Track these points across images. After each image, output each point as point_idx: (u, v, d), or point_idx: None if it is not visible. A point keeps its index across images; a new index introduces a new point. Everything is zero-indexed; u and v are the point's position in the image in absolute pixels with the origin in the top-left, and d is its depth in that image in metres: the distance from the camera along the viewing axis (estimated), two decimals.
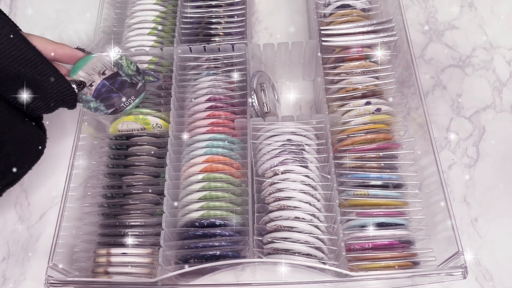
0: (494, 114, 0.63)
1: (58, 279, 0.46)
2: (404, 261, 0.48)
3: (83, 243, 0.51)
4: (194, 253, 0.48)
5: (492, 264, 0.54)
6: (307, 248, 0.48)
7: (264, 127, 0.54)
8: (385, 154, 0.53)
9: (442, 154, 0.60)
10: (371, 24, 0.58)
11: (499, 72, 0.67)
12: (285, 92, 0.66)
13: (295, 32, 0.72)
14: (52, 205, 0.59)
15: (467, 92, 0.65)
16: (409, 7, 0.73)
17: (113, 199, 0.53)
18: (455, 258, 0.46)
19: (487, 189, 0.58)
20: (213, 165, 0.52)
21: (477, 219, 0.56)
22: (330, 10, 0.62)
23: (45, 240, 0.57)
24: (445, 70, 0.67)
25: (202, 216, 0.50)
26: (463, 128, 0.63)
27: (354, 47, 0.58)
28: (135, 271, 0.49)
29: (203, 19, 0.63)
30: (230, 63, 0.59)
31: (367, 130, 0.54)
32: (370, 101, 0.55)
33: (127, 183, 0.53)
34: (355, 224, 0.50)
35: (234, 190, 0.52)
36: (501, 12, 0.73)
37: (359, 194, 0.51)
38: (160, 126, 0.57)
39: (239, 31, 0.61)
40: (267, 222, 0.50)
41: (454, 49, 0.69)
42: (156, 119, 0.56)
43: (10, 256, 0.56)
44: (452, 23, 0.71)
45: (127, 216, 0.52)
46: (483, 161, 0.60)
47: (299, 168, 0.52)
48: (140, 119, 0.56)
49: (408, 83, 0.62)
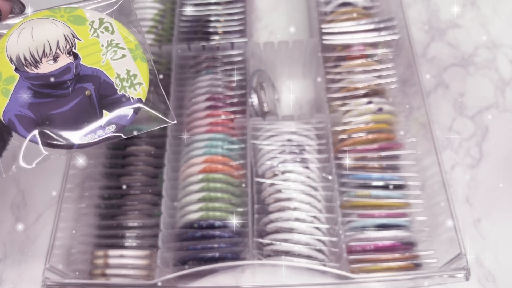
0: (497, 114, 0.63)
1: (55, 281, 0.45)
2: (406, 262, 0.47)
3: (80, 244, 0.51)
4: (193, 255, 0.48)
5: (494, 266, 0.53)
6: (308, 249, 0.47)
7: (264, 127, 0.54)
8: (386, 154, 0.52)
9: (445, 154, 0.60)
10: (373, 23, 0.58)
11: (502, 71, 0.66)
12: (285, 92, 0.66)
13: (295, 30, 0.71)
14: (49, 206, 0.58)
15: (469, 91, 0.65)
16: (411, 6, 0.72)
17: (111, 200, 0.52)
18: (457, 260, 0.45)
19: (490, 190, 0.58)
20: (212, 165, 0.52)
21: (480, 220, 0.56)
22: (331, 8, 0.62)
23: (42, 242, 0.56)
24: (447, 69, 0.67)
25: (201, 217, 0.49)
26: (465, 128, 0.62)
27: (355, 45, 0.58)
28: (133, 273, 0.49)
29: (202, 17, 0.62)
30: (230, 62, 0.59)
31: (368, 130, 0.53)
32: (371, 101, 0.55)
33: (125, 183, 0.53)
34: (357, 226, 0.49)
35: (234, 191, 0.51)
36: (504, 10, 0.72)
37: (361, 195, 0.50)
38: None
39: (239, 30, 0.61)
40: (267, 224, 0.50)
41: (456, 48, 0.68)
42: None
43: (7, 257, 0.55)
44: (455, 22, 0.71)
45: (125, 217, 0.51)
46: (486, 162, 0.60)
47: (300, 168, 0.51)
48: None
49: (410, 82, 0.62)
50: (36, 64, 0.25)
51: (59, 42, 0.25)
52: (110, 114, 0.25)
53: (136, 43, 0.27)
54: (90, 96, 0.25)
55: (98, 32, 0.26)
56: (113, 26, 0.27)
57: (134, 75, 0.26)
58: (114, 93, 0.25)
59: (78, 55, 0.25)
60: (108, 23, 0.26)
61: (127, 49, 0.26)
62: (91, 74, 0.25)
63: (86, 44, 0.25)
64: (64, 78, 0.25)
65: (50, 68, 0.25)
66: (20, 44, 0.25)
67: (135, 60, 0.26)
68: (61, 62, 0.25)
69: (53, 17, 0.26)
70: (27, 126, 0.24)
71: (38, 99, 0.25)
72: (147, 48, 0.27)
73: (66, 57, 0.25)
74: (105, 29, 0.26)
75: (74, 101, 0.25)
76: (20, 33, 0.25)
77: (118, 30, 0.27)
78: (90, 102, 0.25)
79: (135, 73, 0.26)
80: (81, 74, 0.25)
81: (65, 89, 0.25)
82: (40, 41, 0.25)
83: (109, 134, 0.25)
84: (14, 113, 0.24)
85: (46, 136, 0.24)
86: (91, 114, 0.25)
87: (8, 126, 0.24)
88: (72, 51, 0.25)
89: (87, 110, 0.25)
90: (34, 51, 0.25)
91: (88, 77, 0.25)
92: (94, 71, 0.25)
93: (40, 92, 0.25)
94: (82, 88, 0.25)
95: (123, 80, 0.26)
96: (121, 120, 0.25)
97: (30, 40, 0.25)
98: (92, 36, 0.26)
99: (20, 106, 0.24)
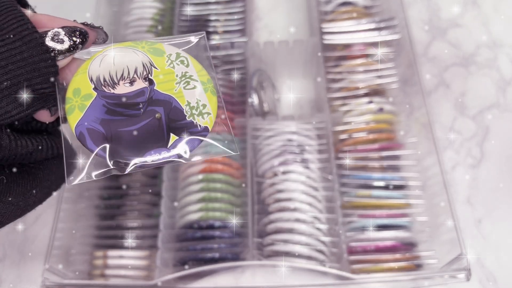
0: (498, 114, 0.63)
1: (55, 282, 0.45)
2: (406, 263, 0.47)
3: (79, 245, 0.50)
4: (192, 255, 0.48)
5: (495, 266, 0.53)
6: (308, 250, 0.47)
7: (264, 127, 0.54)
8: (387, 154, 0.52)
9: (445, 154, 0.60)
10: (373, 22, 0.57)
11: (503, 71, 0.66)
12: (285, 91, 0.66)
13: (295, 30, 0.71)
14: (49, 206, 0.58)
15: (470, 91, 0.65)
16: (412, 5, 0.72)
17: (110, 200, 0.52)
18: (458, 260, 0.45)
19: (491, 190, 0.57)
20: (212, 165, 0.51)
21: (481, 220, 0.56)
22: (331, 7, 0.62)
23: (41, 242, 0.56)
24: (448, 69, 0.66)
25: (201, 217, 0.49)
26: (466, 128, 0.62)
27: (356, 45, 0.57)
28: (132, 274, 0.48)
29: (202, 16, 0.62)
30: (230, 62, 0.58)
31: (369, 130, 0.53)
32: (372, 100, 0.55)
33: (125, 183, 0.53)
34: (357, 226, 0.49)
35: (234, 191, 0.51)
36: (505, 10, 0.72)
37: (361, 195, 0.50)
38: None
39: (239, 29, 0.61)
40: (267, 224, 0.49)
41: (457, 47, 0.68)
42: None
43: (6, 258, 0.55)
44: (455, 21, 0.71)
45: (125, 218, 0.51)
46: (487, 162, 0.59)
47: (300, 168, 0.51)
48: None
49: (411, 82, 0.61)
50: (114, 85, 0.26)
51: (137, 68, 0.27)
52: (177, 139, 0.26)
53: (208, 78, 0.28)
54: (160, 119, 0.26)
55: (174, 64, 0.28)
56: (188, 60, 0.28)
57: (204, 105, 0.27)
58: (183, 119, 0.26)
59: (153, 81, 0.27)
60: (184, 58, 0.28)
61: (199, 82, 0.27)
62: (163, 99, 0.26)
63: (161, 73, 0.27)
64: (137, 100, 0.26)
65: (126, 90, 0.26)
66: (102, 67, 0.26)
67: (206, 92, 0.27)
68: (136, 86, 0.26)
69: (134, 47, 0.28)
70: (96, 140, 0.25)
71: (110, 116, 0.26)
72: (216, 83, 0.28)
73: (142, 82, 0.26)
74: (181, 62, 0.28)
75: (144, 122, 0.26)
76: (103, 58, 0.27)
77: (193, 64, 0.28)
78: (159, 124, 0.26)
79: (204, 103, 0.27)
80: (154, 98, 0.26)
81: (137, 109, 0.26)
82: (120, 66, 0.27)
83: (173, 157, 0.26)
84: (86, 127, 0.25)
85: (112, 152, 0.25)
86: (159, 135, 0.26)
87: (79, 139, 0.25)
88: (148, 77, 0.27)
89: (155, 132, 0.26)
90: (114, 74, 0.26)
91: (160, 102, 0.26)
92: (166, 97, 0.26)
93: (113, 110, 0.26)
94: (153, 111, 0.26)
95: (193, 108, 0.27)
96: (186, 145, 0.26)
97: (111, 65, 0.27)
98: (168, 67, 0.27)
99: (93, 121, 0.25)
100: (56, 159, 0.30)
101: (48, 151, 0.29)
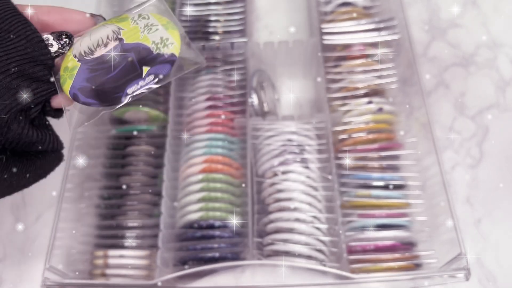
0: (497, 114, 0.63)
1: (55, 281, 0.45)
2: (406, 263, 0.47)
3: (80, 244, 0.51)
4: (193, 255, 0.48)
5: (495, 266, 0.53)
6: (308, 250, 0.47)
7: (264, 126, 0.54)
8: (387, 154, 0.52)
9: (445, 154, 0.60)
10: (373, 22, 0.58)
11: (503, 71, 0.66)
12: (285, 91, 0.66)
13: (295, 30, 0.71)
14: (49, 206, 0.58)
15: (470, 91, 0.65)
16: (411, 5, 0.72)
17: (110, 200, 0.52)
18: (457, 260, 0.45)
19: (491, 190, 0.58)
20: (212, 165, 0.52)
21: (480, 220, 0.56)
22: (331, 7, 0.62)
23: (42, 242, 0.56)
24: (448, 69, 0.66)
25: (201, 217, 0.49)
26: (466, 128, 0.62)
27: (355, 45, 0.58)
28: (133, 273, 0.48)
29: (202, 17, 0.62)
30: (230, 62, 0.58)
31: (368, 130, 0.53)
32: (371, 100, 0.55)
33: (125, 183, 0.53)
34: (357, 226, 0.49)
35: (234, 191, 0.51)
36: (504, 10, 0.72)
37: (361, 195, 0.50)
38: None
39: (239, 29, 0.61)
40: (267, 224, 0.49)
41: (457, 47, 0.68)
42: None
43: (7, 257, 0.55)
44: (455, 21, 0.71)
45: (125, 217, 0.51)
46: (486, 162, 0.59)
47: (300, 168, 0.51)
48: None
49: (410, 82, 0.61)
50: (92, 53, 0.32)
51: (108, 35, 0.33)
52: (149, 68, 0.31)
53: (168, 20, 0.33)
54: (132, 60, 0.32)
55: (137, 21, 0.33)
56: (149, 15, 0.34)
57: (167, 39, 0.32)
58: (150, 54, 0.32)
59: (123, 39, 0.33)
60: (146, 15, 0.34)
61: (160, 24, 0.33)
62: (132, 47, 0.32)
63: (128, 31, 0.33)
64: (112, 54, 0.33)
65: (103, 51, 0.32)
66: (82, 45, 0.33)
67: (167, 30, 0.32)
68: (110, 46, 0.32)
69: (105, 24, 0.34)
70: (87, 95, 0.31)
71: (94, 73, 0.32)
72: (177, 22, 0.33)
73: (113, 42, 0.33)
74: (143, 18, 0.34)
75: (120, 67, 0.32)
76: (82, 38, 0.33)
77: (153, 16, 0.33)
78: (132, 64, 0.32)
79: (167, 38, 0.32)
80: (125, 48, 0.32)
81: (113, 61, 0.32)
82: (95, 38, 0.33)
83: (151, 84, 0.31)
84: (77, 88, 0.31)
85: (101, 97, 0.31)
86: (134, 72, 0.32)
87: (74, 99, 0.31)
88: (118, 37, 0.33)
89: (131, 71, 0.32)
90: (91, 45, 0.33)
91: (130, 49, 0.32)
92: (135, 45, 0.32)
93: (95, 68, 0.32)
94: (126, 56, 0.32)
95: (158, 44, 0.32)
96: (158, 71, 0.31)
97: (88, 40, 0.33)
98: (133, 25, 0.33)
99: (81, 82, 0.31)
100: (55, 153, 0.35)
101: (49, 145, 0.33)
